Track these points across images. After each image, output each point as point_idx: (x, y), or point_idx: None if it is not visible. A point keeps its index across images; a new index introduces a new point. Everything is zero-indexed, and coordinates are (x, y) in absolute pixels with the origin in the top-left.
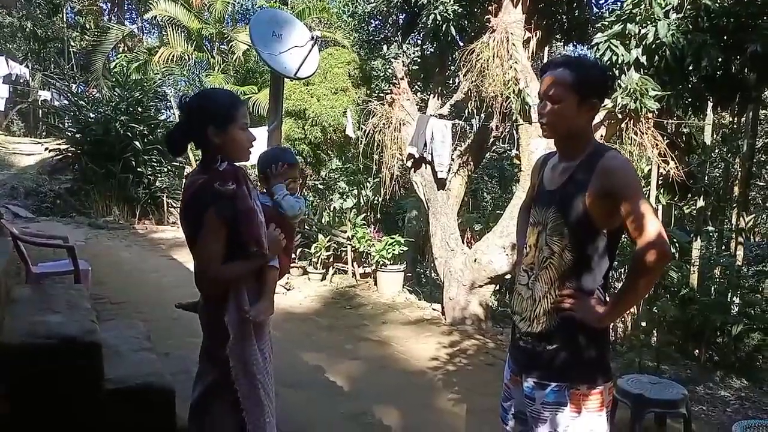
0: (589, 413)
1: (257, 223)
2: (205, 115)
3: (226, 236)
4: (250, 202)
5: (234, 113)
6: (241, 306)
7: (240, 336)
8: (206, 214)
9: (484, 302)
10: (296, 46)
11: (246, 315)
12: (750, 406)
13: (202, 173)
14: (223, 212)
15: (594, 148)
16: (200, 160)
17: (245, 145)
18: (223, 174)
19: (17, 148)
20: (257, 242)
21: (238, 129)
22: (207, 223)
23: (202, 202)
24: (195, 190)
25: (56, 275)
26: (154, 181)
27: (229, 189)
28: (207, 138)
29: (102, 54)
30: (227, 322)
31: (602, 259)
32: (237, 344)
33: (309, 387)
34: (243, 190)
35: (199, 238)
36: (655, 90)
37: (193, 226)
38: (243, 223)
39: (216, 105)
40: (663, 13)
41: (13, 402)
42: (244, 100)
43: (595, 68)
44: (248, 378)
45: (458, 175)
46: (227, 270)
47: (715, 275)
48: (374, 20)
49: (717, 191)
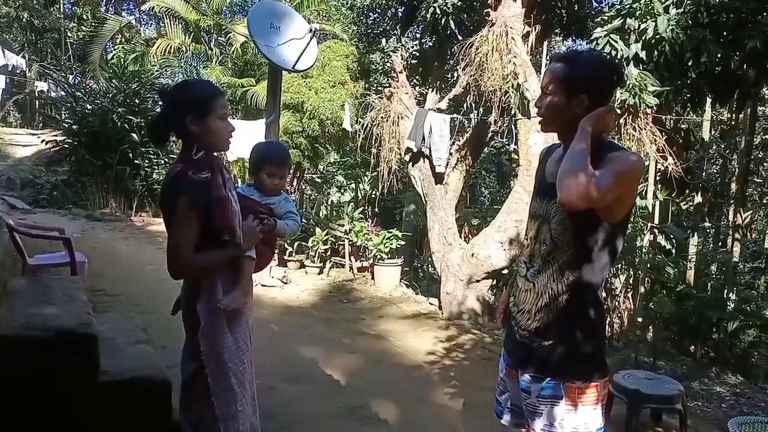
0: (585, 407)
1: (230, 212)
2: (183, 104)
3: (199, 224)
4: (224, 191)
5: (212, 103)
6: (213, 295)
7: (211, 324)
8: (178, 201)
9: (481, 297)
10: (294, 39)
11: (218, 304)
12: (745, 402)
13: (178, 162)
14: (195, 200)
15: (603, 144)
16: (180, 150)
17: (224, 135)
18: (197, 162)
19: (13, 139)
20: (230, 231)
21: (217, 119)
22: (179, 211)
23: (176, 189)
24: (170, 179)
25: (52, 267)
26: (151, 174)
27: (202, 177)
28: (186, 127)
29: (99, 45)
30: (198, 311)
31: (603, 252)
32: (208, 332)
33: (306, 381)
34: (217, 179)
35: (171, 226)
36: (654, 85)
37: (167, 213)
38: (216, 212)
39: (194, 95)
40: (663, 8)
41: (9, 394)
42: (242, 92)
43: (592, 64)
44: (219, 365)
45: (456, 170)
46: (199, 258)
47: (712, 271)
48: (373, 13)
49: (714, 187)
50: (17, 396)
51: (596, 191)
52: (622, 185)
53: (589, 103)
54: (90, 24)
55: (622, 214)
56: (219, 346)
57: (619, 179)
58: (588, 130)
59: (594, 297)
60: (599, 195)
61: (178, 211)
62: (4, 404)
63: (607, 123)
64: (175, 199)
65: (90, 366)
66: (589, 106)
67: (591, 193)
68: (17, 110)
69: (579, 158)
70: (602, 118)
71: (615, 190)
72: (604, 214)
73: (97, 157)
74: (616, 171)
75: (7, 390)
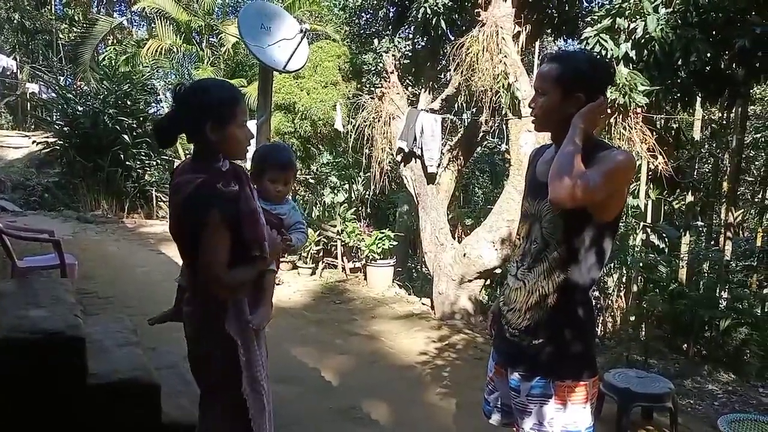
0: (574, 406)
1: (260, 226)
2: (204, 110)
3: (229, 239)
4: (253, 204)
5: (234, 110)
6: (241, 312)
7: (245, 343)
8: (209, 215)
9: (473, 297)
10: (285, 39)
11: (249, 324)
12: (737, 399)
13: (198, 171)
14: (226, 214)
15: (596, 143)
16: (194, 156)
17: (244, 144)
18: (225, 174)
19: (4, 141)
20: (260, 245)
21: (237, 127)
22: (211, 225)
23: (206, 203)
24: (195, 190)
25: (42, 269)
26: (143, 175)
27: (232, 190)
28: (204, 134)
29: (90, 46)
30: (228, 330)
31: (591, 252)
32: (245, 351)
33: (298, 381)
34: (246, 192)
35: (203, 241)
36: (644, 85)
37: (192, 228)
38: (246, 226)
39: (217, 101)
40: (652, 7)
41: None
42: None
43: (585, 63)
44: (253, 385)
45: (448, 170)
46: (236, 274)
47: (704, 270)
48: (365, 14)
49: (706, 186)
50: (4, 398)
51: (585, 191)
52: (612, 183)
53: (584, 102)
54: (81, 25)
55: (614, 212)
56: (253, 366)
57: (609, 178)
58: (581, 128)
59: (583, 297)
60: (588, 194)
61: (211, 226)
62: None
63: (598, 119)
64: (206, 212)
65: (78, 368)
66: (584, 105)
67: (580, 192)
68: (8, 112)
69: (569, 157)
70: (594, 114)
71: (605, 189)
72: (595, 212)
73: (88, 158)
74: (606, 170)
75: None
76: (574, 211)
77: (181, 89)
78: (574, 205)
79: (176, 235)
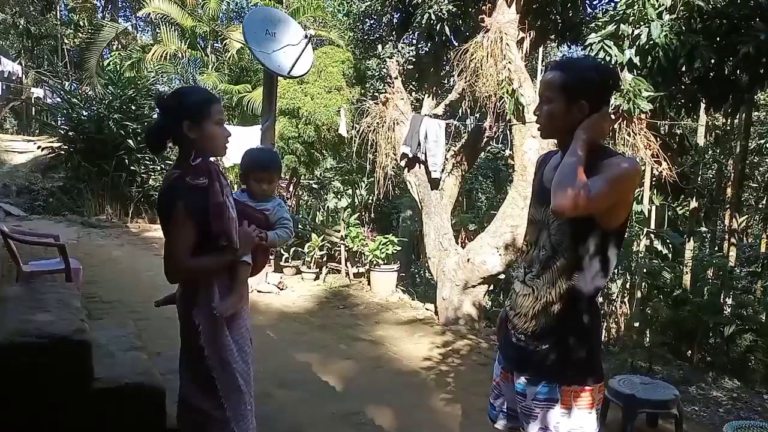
0: (580, 411)
1: (227, 218)
2: (180, 110)
3: (195, 229)
4: (221, 197)
5: (208, 108)
6: (211, 300)
7: (212, 328)
8: (176, 207)
9: (477, 302)
10: (290, 45)
11: (213, 311)
12: (742, 406)
13: (176, 168)
14: (192, 205)
15: (602, 150)
16: (177, 157)
17: (220, 140)
18: (195, 168)
19: (9, 145)
20: (227, 237)
21: (213, 124)
22: (176, 215)
23: (173, 194)
24: (168, 184)
25: (47, 274)
26: (147, 180)
27: (200, 183)
28: (182, 133)
29: (95, 51)
30: (195, 315)
31: (595, 260)
32: (210, 336)
33: (301, 387)
34: (215, 185)
35: (168, 231)
36: (648, 91)
37: (164, 219)
38: (213, 217)
39: (190, 101)
40: (656, 14)
41: (1, 401)
42: (239, 99)
43: (589, 70)
44: (225, 368)
45: (452, 175)
46: (195, 262)
47: (708, 276)
48: (369, 19)
49: (710, 192)
50: (9, 403)
51: (587, 199)
52: (616, 191)
53: (589, 109)
54: (86, 31)
55: (620, 220)
56: (223, 349)
57: (612, 185)
58: (583, 138)
59: (589, 303)
60: (590, 203)
61: (175, 215)
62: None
63: (604, 129)
64: (173, 203)
65: (83, 373)
66: (589, 112)
67: (581, 201)
68: (13, 117)
69: (571, 167)
70: (598, 124)
71: (609, 197)
72: (601, 220)
73: (93, 163)
74: (609, 177)
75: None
76: (581, 219)
77: (163, 96)
78: (576, 214)
79: (161, 228)
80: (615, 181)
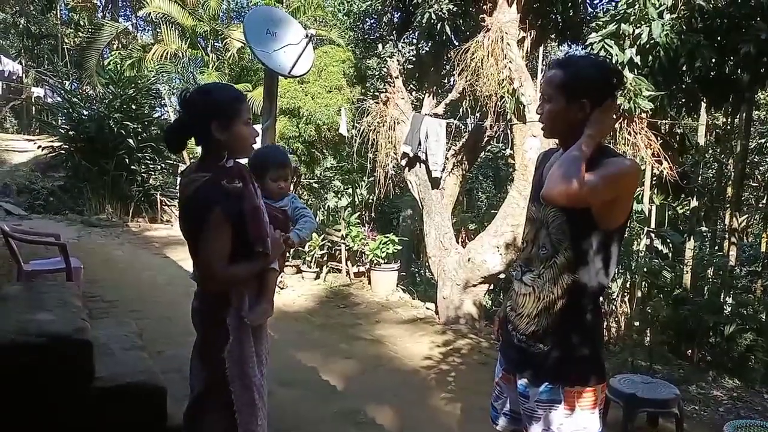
0: (583, 411)
1: (263, 223)
2: (208, 110)
3: (231, 235)
4: (256, 201)
5: (238, 108)
6: (241, 308)
7: (239, 339)
8: (212, 212)
9: (477, 301)
10: (290, 44)
11: (245, 319)
12: (742, 405)
13: (203, 170)
14: (230, 211)
15: (603, 150)
16: (201, 157)
17: (248, 141)
18: (229, 171)
19: (10, 145)
20: (262, 242)
21: (242, 124)
22: (213, 222)
23: (209, 200)
24: (199, 188)
25: (48, 273)
26: (147, 179)
27: (236, 187)
28: (210, 134)
29: (96, 51)
30: (228, 324)
31: (597, 258)
32: (236, 346)
33: (302, 386)
34: (250, 189)
35: (203, 237)
36: (649, 90)
37: (196, 224)
38: (250, 223)
39: (220, 100)
40: (657, 13)
41: (1, 400)
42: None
43: (589, 68)
44: (243, 380)
45: (453, 174)
46: (234, 270)
47: (708, 275)
48: (369, 19)
49: (710, 192)
50: (10, 402)
51: (579, 189)
52: (611, 188)
53: (591, 107)
54: (87, 30)
55: (618, 222)
56: (246, 362)
57: (608, 181)
58: (590, 135)
59: (591, 302)
60: (581, 193)
61: (213, 221)
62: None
63: (610, 122)
64: (209, 209)
65: (84, 372)
66: (591, 110)
67: (573, 190)
68: (14, 116)
69: (572, 160)
70: (603, 118)
71: (603, 192)
72: (599, 220)
73: (93, 162)
74: (606, 174)
75: (0, 396)
76: (580, 217)
77: (186, 94)
78: (566, 203)
79: (184, 232)
80: (611, 177)
